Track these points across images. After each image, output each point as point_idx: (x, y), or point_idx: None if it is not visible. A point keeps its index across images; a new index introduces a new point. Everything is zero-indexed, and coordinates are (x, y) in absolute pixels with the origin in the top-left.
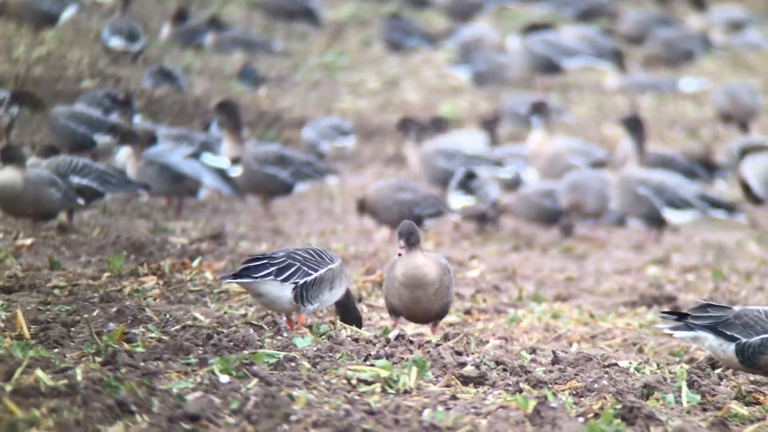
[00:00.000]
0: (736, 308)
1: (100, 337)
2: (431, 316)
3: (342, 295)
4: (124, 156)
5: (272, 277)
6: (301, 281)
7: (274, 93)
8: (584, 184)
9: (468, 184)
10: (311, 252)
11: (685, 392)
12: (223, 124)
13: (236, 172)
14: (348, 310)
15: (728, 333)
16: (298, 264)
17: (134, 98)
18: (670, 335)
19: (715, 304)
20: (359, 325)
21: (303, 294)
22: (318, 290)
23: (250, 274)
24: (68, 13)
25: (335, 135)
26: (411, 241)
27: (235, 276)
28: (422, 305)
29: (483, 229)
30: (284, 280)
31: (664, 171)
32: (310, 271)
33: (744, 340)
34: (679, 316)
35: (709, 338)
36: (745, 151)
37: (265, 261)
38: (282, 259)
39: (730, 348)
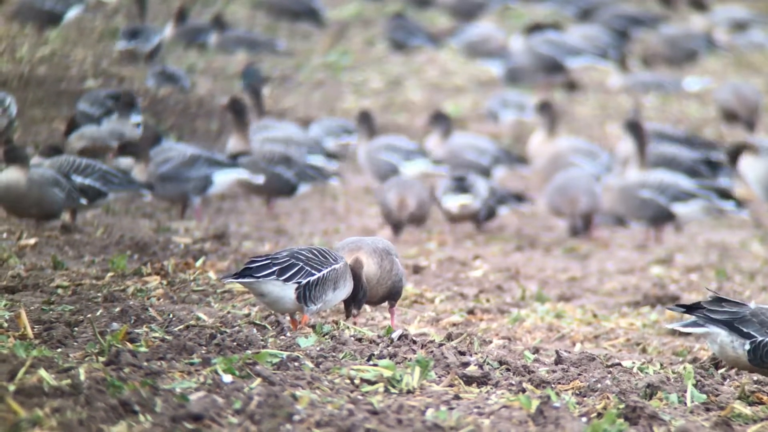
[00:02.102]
0: (752, 305)
1: (103, 336)
2: (375, 300)
3: (348, 295)
4: (129, 160)
5: (274, 276)
6: (304, 281)
7: (278, 93)
8: (574, 183)
9: (461, 184)
10: (315, 252)
11: (690, 392)
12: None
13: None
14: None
15: (744, 330)
16: (301, 264)
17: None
18: (678, 331)
19: (729, 299)
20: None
21: (306, 294)
22: (321, 290)
23: (252, 274)
24: (73, 13)
25: (340, 132)
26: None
27: (237, 275)
28: None
29: (481, 229)
30: (287, 280)
31: (666, 170)
32: (313, 271)
33: (760, 338)
34: (689, 307)
35: (722, 334)
36: (736, 151)
37: (268, 261)
38: (285, 259)
39: (743, 345)
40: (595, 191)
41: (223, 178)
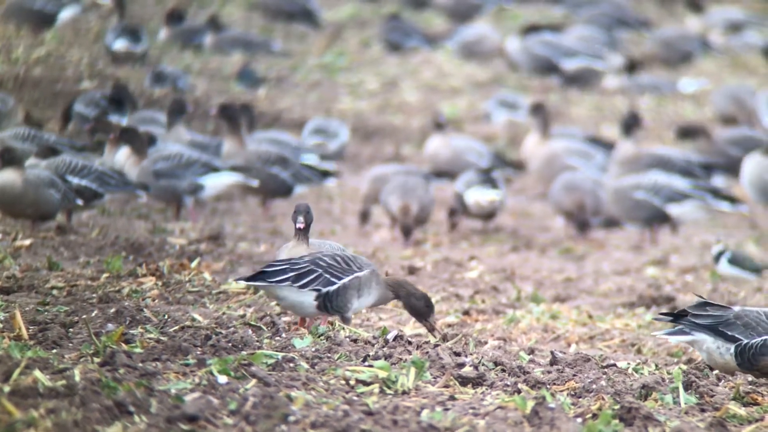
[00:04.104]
0: (736, 308)
1: (98, 337)
2: None
3: (382, 298)
4: (122, 157)
5: (289, 282)
6: (324, 290)
7: (274, 94)
8: (579, 185)
9: (489, 178)
10: (338, 259)
11: (682, 393)
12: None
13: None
14: (413, 305)
15: (729, 333)
16: (321, 271)
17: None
18: (666, 341)
19: (713, 303)
20: (428, 312)
21: (327, 304)
22: (344, 299)
23: (265, 278)
24: (67, 14)
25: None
26: (308, 220)
27: (250, 278)
28: None
29: (484, 229)
30: (302, 287)
31: (661, 172)
32: (333, 279)
33: (745, 341)
34: (675, 316)
35: (707, 340)
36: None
37: (286, 266)
38: (304, 265)
39: (729, 349)
40: (598, 192)
41: (214, 182)
